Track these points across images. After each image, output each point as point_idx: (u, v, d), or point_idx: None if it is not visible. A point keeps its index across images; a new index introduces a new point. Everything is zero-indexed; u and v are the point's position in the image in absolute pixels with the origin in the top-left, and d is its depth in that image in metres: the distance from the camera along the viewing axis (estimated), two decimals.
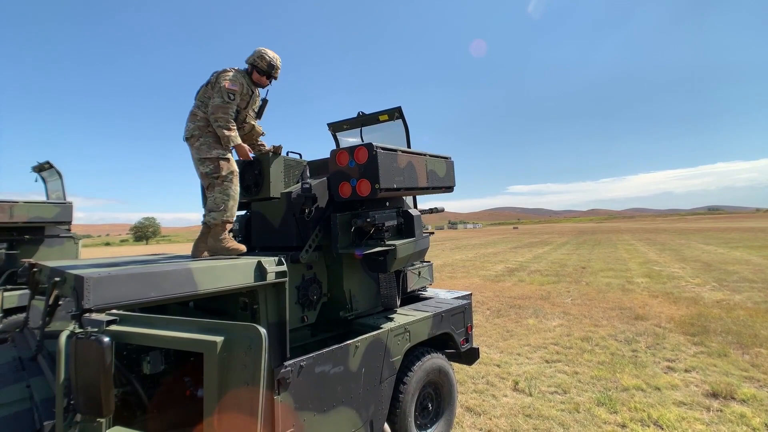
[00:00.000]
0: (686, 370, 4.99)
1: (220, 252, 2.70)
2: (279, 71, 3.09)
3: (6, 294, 4.92)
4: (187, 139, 2.81)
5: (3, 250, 5.36)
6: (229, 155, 2.81)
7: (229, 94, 2.71)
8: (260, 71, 3.00)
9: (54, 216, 6.00)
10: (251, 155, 3.07)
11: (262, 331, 1.35)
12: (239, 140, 2.81)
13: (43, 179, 7.40)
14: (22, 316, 3.54)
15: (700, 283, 10.97)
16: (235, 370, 1.35)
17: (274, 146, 3.18)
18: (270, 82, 3.11)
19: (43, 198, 7.18)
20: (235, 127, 2.79)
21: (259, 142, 3.27)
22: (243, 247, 2.77)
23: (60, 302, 2.20)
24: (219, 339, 1.36)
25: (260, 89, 3.15)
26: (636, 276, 12.71)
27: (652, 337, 6.33)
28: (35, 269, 2.79)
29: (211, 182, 2.74)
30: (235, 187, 2.78)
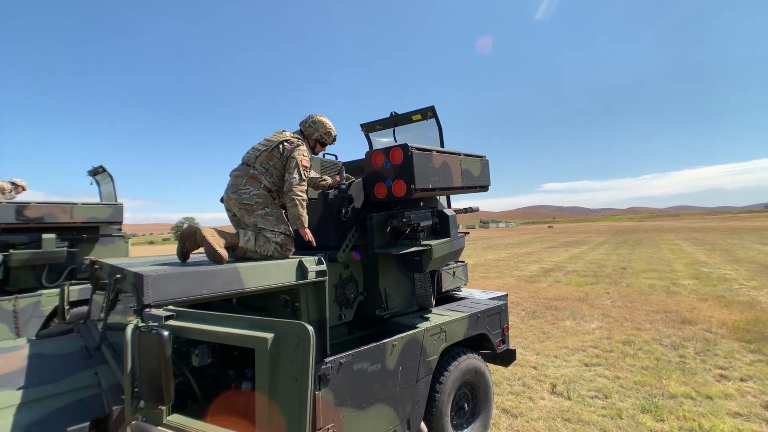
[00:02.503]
0: (741, 379, 4.68)
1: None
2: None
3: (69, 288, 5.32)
4: (247, 206, 2.58)
5: (65, 248, 5.79)
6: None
7: (305, 171, 2.63)
8: (323, 144, 3.01)
9: (107, 216, 6.41)
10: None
11: (310, 329, 1.41)
12: (307, 221, 2.63)
13: (97, 182, 7.94)
14: (84, 308, 3.84)
15: (757, 286, 10.21)
16: (284, 366, 1.42)
17: (343, 179, 3.15)
18: (324, 149, 3.10)
19: (97, 200, 7.70)
20: (305, 203, 2.64)
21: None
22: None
23: (119, 297, 2.37)
24: (269, 336, 1.43)
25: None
26: (682, 277, 12.01)
27: (702, 343, 5.97)
28: (96, 266, 3.02)
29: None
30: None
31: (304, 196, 2.60)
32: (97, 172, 7.69)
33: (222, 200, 2.81)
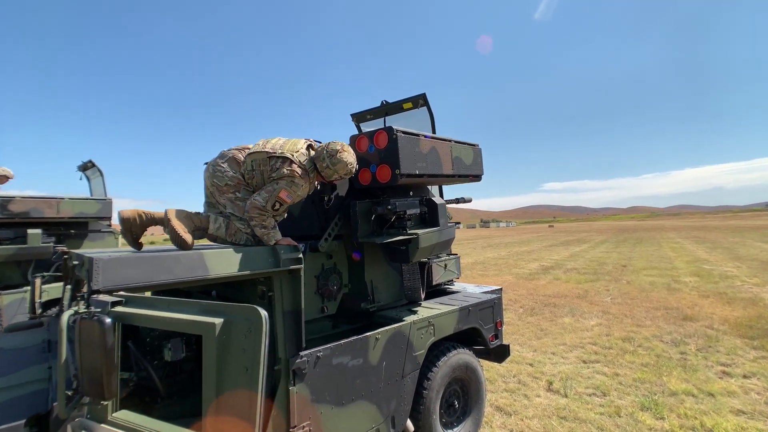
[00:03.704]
0: (745, 376, 4.53)
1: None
2: None
3: (55, 284, 5.19)
4: (217, 185, 2.41)
5: (51, 244, 5.65)
6: None
7: (278, 203, 2.28)
8: (339, 179, 2.57)
9: (96, 212, 6.28)
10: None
11: (263, 312, 1.26)
12: (279, 235, 2.31)
13: (87, 177, 7.80)
14: None
15: (759, 283, 10.04)
16: (234, 355, 1.27)
17: None
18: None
19: (87, 195, 7.56)
20: (271, 223, 2.29)
21: None
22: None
23: (82, 286, 2.23)
24: (218, 321, 1.28)
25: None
26: (683, 275, 11.84)
27: (704, 340, 5.81)
28: (66, 257, 2.88)
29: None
30: None
31: (264, 218, 2.26)
32: (86, 167, 7.55)
33: (206, 164, 2.62)
